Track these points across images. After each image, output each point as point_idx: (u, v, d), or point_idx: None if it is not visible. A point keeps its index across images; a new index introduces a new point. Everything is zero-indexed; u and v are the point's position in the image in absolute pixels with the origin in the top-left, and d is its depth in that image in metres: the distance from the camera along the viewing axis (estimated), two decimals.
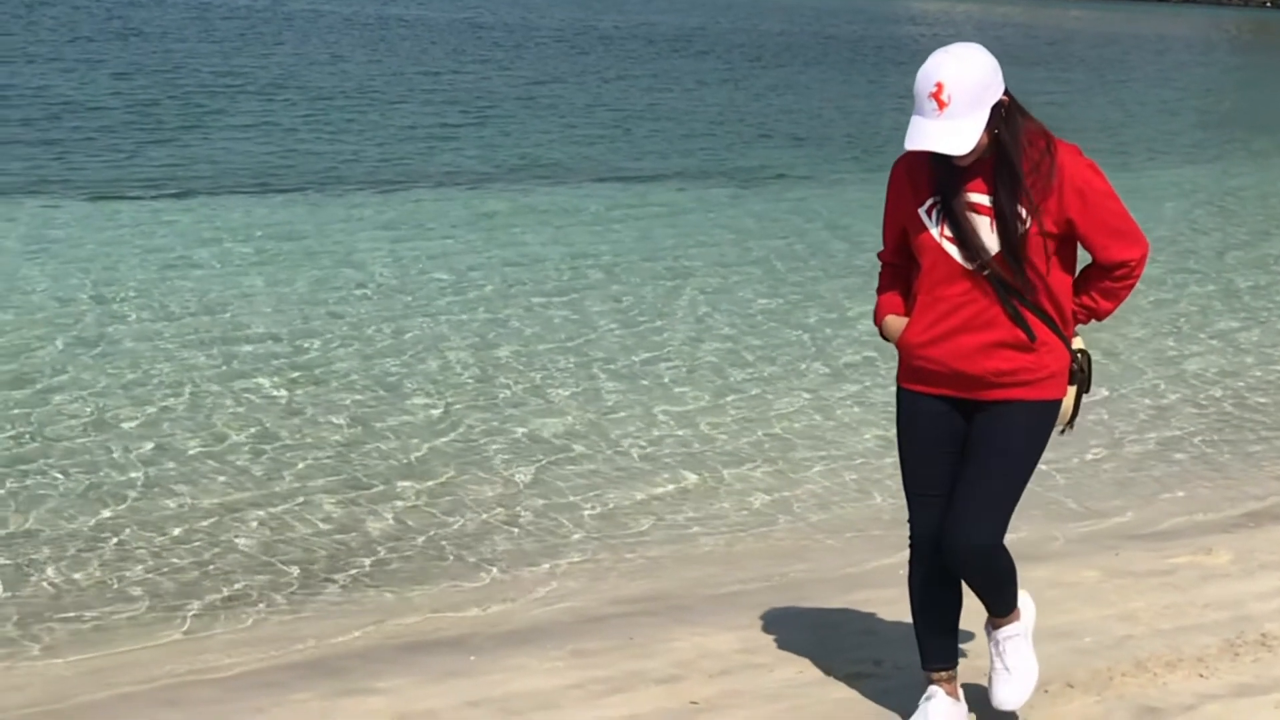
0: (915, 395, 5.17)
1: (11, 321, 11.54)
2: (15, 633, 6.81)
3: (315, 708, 5.76)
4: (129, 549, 7.72)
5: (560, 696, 5.86)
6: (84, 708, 5.93)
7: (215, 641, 6.82)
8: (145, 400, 9.92)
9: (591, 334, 12.14)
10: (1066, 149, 4.97)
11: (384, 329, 11.92)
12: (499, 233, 16.10)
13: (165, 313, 12.07)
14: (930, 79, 4.80)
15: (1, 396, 9.76)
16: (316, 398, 10.18)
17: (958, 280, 4.97)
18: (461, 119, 24.47)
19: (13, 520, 7.97)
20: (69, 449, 8.97)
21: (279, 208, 16.86)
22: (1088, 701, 5.81)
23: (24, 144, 19.64)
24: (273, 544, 7.88)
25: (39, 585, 7.28)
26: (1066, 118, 29.57)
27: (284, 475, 8.79)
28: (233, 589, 7.36)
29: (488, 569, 7.72)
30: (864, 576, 7.28)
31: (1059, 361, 5.05)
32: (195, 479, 8.66)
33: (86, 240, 14.57)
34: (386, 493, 8.61)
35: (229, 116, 23.15)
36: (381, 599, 7.33)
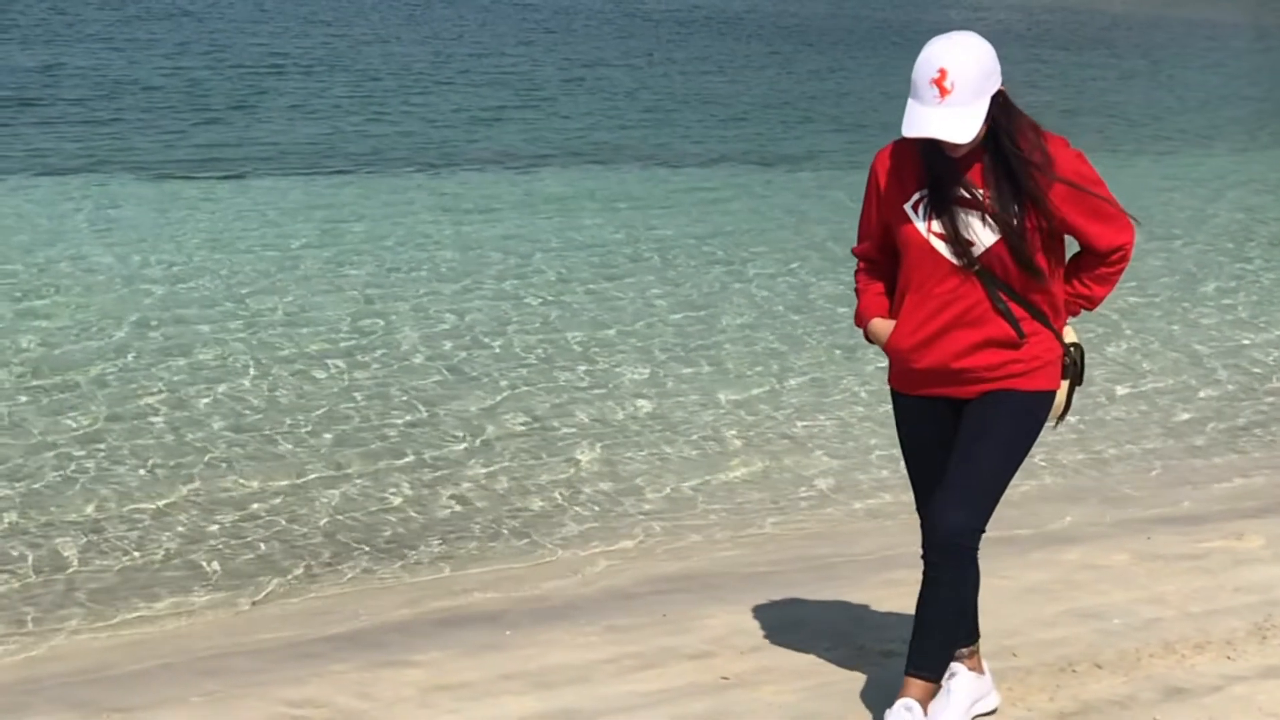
0: (909, 399, 5.10)
1: (75, 301, 11.72)
2: (59, 605, 6.95)
3: (353, 679, 5.86)
4: (176, 525, 7.87)
5: (593, 671, 5.95)
6: (127, 677, 6.04)
7: (255, 614, 6.95)
8: (209, 379, 10.08)
9: (647, 318, 12.24)
10: (1055, 140, 4.90)
11: (443, 310, 12.06)
12: (551, 215, 16.20)
13: (227, 293, 12.24)
14: (932, 65, 4.70)
15: (69, 375, 9.93)
16: (378, 378, 10.31)
17: (945, 277, 4.87)
18: (509, 101, 24.55)
19: (67, 496, 8.10)
20: (134, 428, 9.12)
21: (332, 188, 17.00)
22: (1115, 682, 5.86)
23: (80, 124, 19.83)
24: (315, 521, 8.01)
25: (85, 559, 7.42)
26: (1117, 105, 29.46)
27: (330, 455, 8.92)
28: (273, 564, 7.49)
29: (524, 547, 7.84)
30: (897, 558, 7.33)
31: (1050, 352, 4.97)
32: (250, 458, 8.80)
33: (146, 220, 14.76)
34: (426, 472, 8.74)
35: (278, 97, 23.29)
36: (418, 575, 7.45)
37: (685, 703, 5.61)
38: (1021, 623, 6.45)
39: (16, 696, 5.78)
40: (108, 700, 5.68)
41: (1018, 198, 4.81)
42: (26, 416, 9.18)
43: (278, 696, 5.68)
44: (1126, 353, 12.04)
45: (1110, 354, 11.94)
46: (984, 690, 5.39)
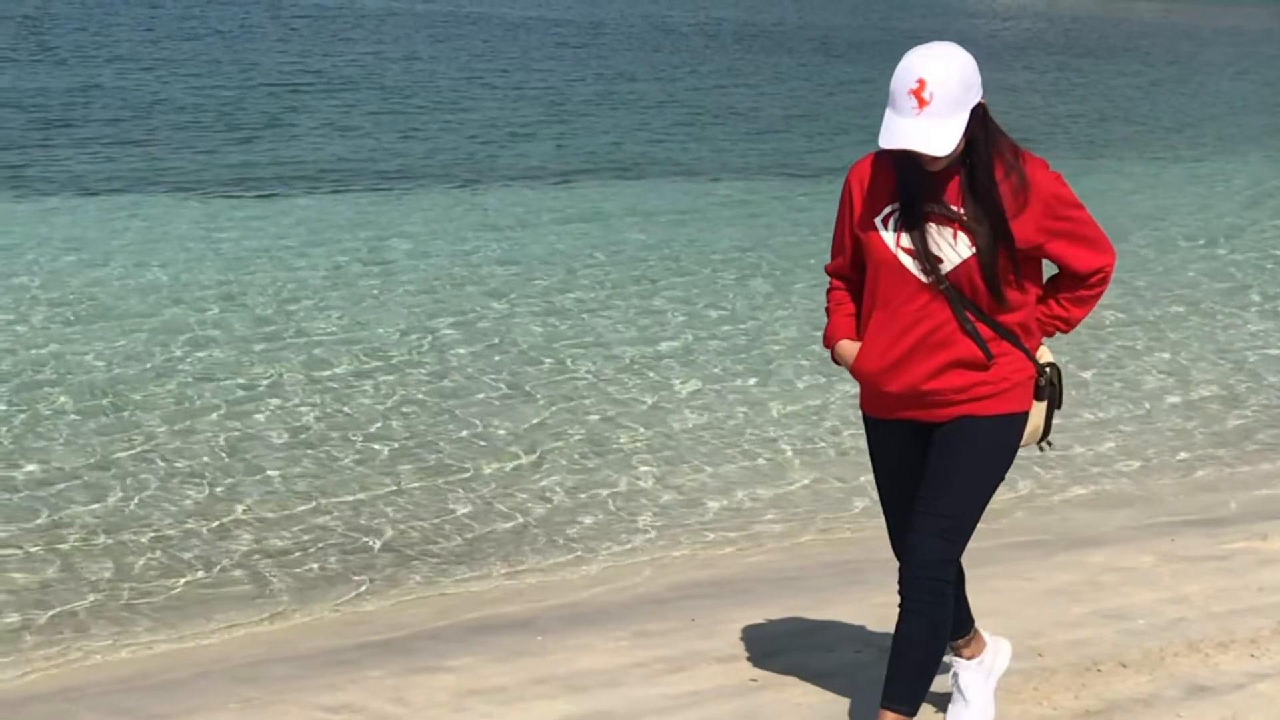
0: (879, 423, 4.97)
1: (125, 321, 11.85)
2: (97, 614, 7.06)
3: (388, 684, 5.97)
4: (209, 534, 7.97)
5: (624, 675, 6.04)
6: (166, 685, 6.15)
7: (291, 622, 7.05)
8: (234, 390, 10.22)
9: (661, 325, 12.33)
10: (1034, 161, 4.77)
11: (487, 324, 12.19)
12: (589, 228, 16.30)
13: (247, 305, 12.39)
14: (911, 75, 4.55)
15: (120, 393, 10.05)
16: (421, 392, 10.43)
17: (913, 296, 4.73)
18: (537, 116, 24.67)
19: (96, 506, 8.23)
20: (180, 447, 9.22)
21: (371, 205, 17.14)
22: (1140, 680, 5.94)
23: (116, 144, 20.01)
24: (347, 529, 8.12)
25: (121, 569, 7.53)
26: (1147, 112, 29.48)
27: (371, 469, 9.02)
28: (310, 572, 7.60)
29: (554, 555, 7.93)
30: None
31: (1020, 373, 4.82)
32: (281, 466, 8.91)
33: (188, 239, 14.89)
34: (460, 481, 8.84)
35: (306, 114, 23.46)
36: (449, 583, 7.55)
37: (714, 705, 5.70)
38: (1047, 624, 6.53)
39: (59, 704, 5.90)
40: (148, 708, 5.79)
41: (991, 217, 4.67)
42: (80, 433, 9.32)
43: (313, 702, 5.79)
44: (1168, 360, 12.11)
45: (1150, 360, 12.02)
46: (992, 663, 5.37)
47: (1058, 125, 26.77)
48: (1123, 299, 13.78)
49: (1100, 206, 18.47)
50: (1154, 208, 19.07)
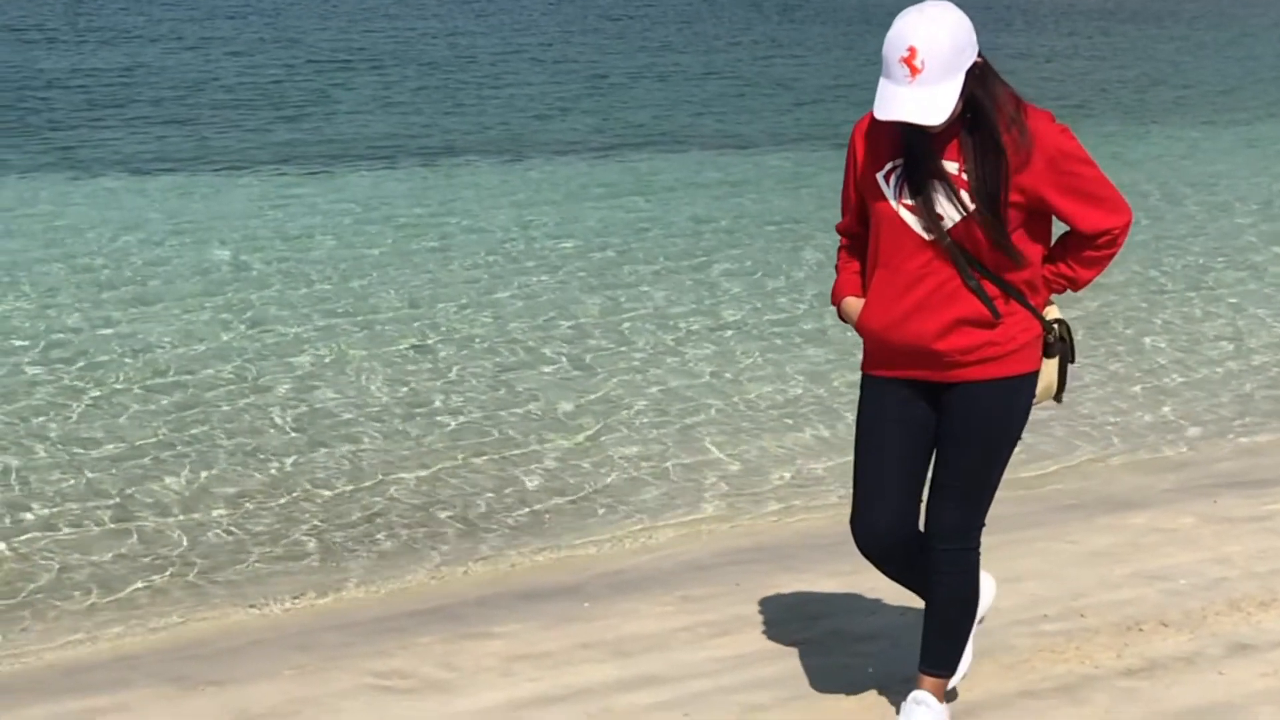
0: (881, 381, 4.85)
1: (162, 292, 12.00)
2: (154, 586, 7.19)
3: (437, 650, 6.06)
4: (269, 508, 8.10)
5: (670, 639, 6.12)
6: (220, 653, 6.26)
7: (343, 591, 7.15)
8: (295, 366, 10.34)
9: (719, 296, 12.41)
10: (1038, 114, 4.64)
11: (518, 294, 12.28)
12: (622, 199, 16.37)
13: (306, 281, 12.53)
14: (902, 42, 4.44)
15: (168, 370, 10.19)
16: (463, 362, 10.54)
17: (916, 252, 4.64)
18: (578, 89, 24.72)
19: (164, 483, 8.36)
20: (227, 415, 9.38)
21: (414, 181, 17.25)
22: (1181, 639, 5.99)
23: (160, 123, 20.18)
24: (408, 502, 8.22)
25: (183, 543, 7.66)
26: (1190, 76, 29.31)
27: (423, 438, 9.13)
28: (361, 542, 7.71)
29: (601, 522, 8.02)
30: None
31: (1027, 333, 4.74)
32: (339, 441, 9.03)
33: (233, 216, 15.04)
34: (506, 451, 8.93)
35: (351, 91, 23.57)
36: (497, 550, 7.64)
37: (758, 668, 5.77)
38: (1089, 585, 6.58)
39: (118, 672, 6.02)
40: (203, 674, 5.90)
41: (994, 173, 4.57)
42: (147, 411, 9.44)
43: (365, 668, 5.89)
44: (1224, 325, 12.10)
45: (1207, 326, 12.01)
46: None
47: (1103, 90, 26.64)
48: (1180, 263, 13.77)
49: (1154, 171, 18.51)
50: (1207, 173, 18.98)
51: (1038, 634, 6.05)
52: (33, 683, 6.01)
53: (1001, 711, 5.40)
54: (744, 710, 5.42)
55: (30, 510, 7.95)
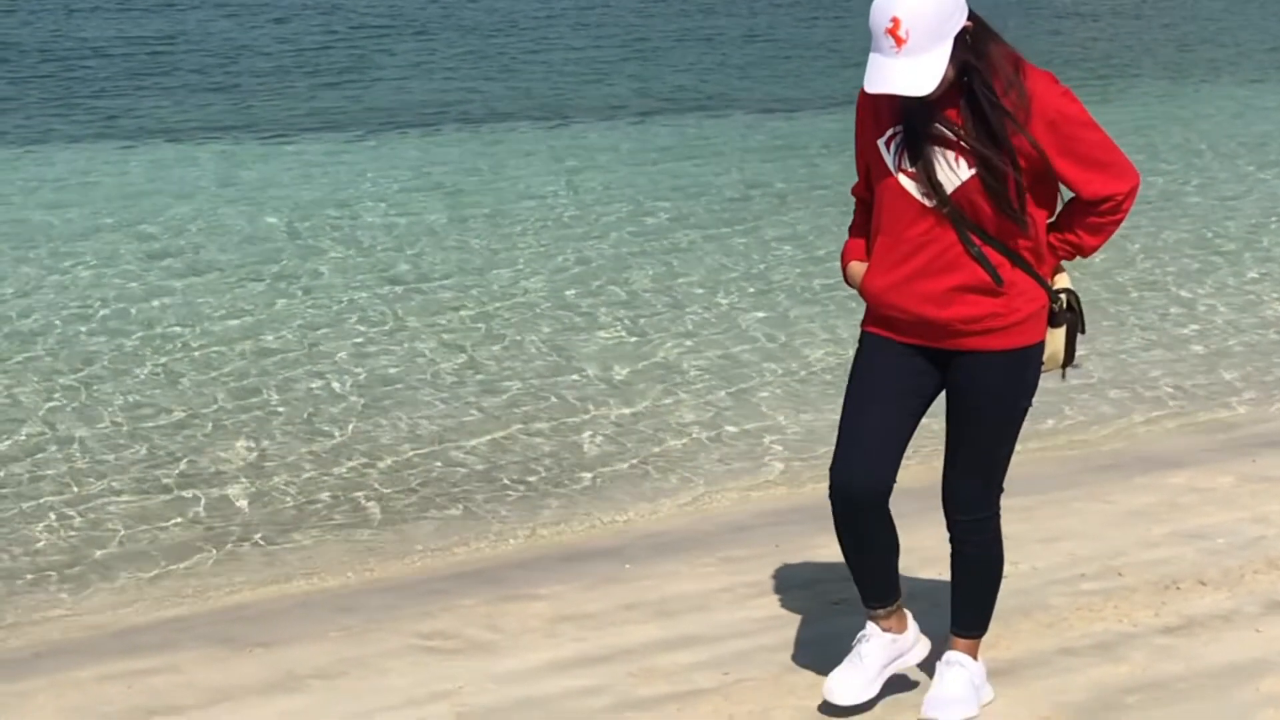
0: (878, 339, 4.80)
1: (218, 260, 12.13)
2: (205, 551, 7.30)
3: (480, 612, 6.15)
4: (317, 472, 8.21)
5: (711, 599, 6.20)
6: (268, 615, 6.37)
7: (387, 553, 7.25)
8: (350, 332, 10.44)
9: (771, 260, 12.44)
10: (1038, 75, 4.55)
11: (569, 259, 12.34)
12: (669, 164, 16.37)
13: (359, 248, 12.63)
14: (885, 13, 4.38)
15: (217, 334, 10.33)
16: (507, 326, 10.64)
17: (917, 219, 4.59)
18: (619, 53, 24.69)
19: (209, 449, 8.47)
20: (286, 383, 9.51)
21: (451, 145, 17.31)
22: (1219, 597, 6.03)
23: (201, 90, 20.29)
24: (451, 465, 8.32)
25: (228, 507, 7.78)
26: (1233, 35, 29.10)
27: (480, 404, 9.21)
28: (403, 504, 7.81)
29: (642, 485, 8.10)
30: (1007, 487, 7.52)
31: (1032, 304, 4.67)
32: (391, 407, 9.12)
33: (274, 181, 15.16)
34: (545, 416, 9.02)
35: (390, 57, 23.62)
36: (540, 514, 7.74)
37: (798, 628, 5.84)
38: (1127, 544, 6.63)
39: (168, 634, 6.12)
40: (251, 636, 6.01)
41: (991, 136, 4.49)
42: (206, 379, 9.56)
43: (410, 630, 5.98)
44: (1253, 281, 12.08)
45: (1262, 287, 11.98)
46: (904, 651, 5.18)
47: (1145, 50, 26.46)
48: (1233, 223, 13.73)
49: (1206, 130, 18.38)
50: (1259, 132, 18.81)
51: (1076, 593, 6.10)
52: (83, 644, 6.13)
53: (1039, 669, 5.46)
54: (783, 670, 5.49)
55: (89, 476, 8.07)
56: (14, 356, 9.78)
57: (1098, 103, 20.41)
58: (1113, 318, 10.91)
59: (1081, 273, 11.81)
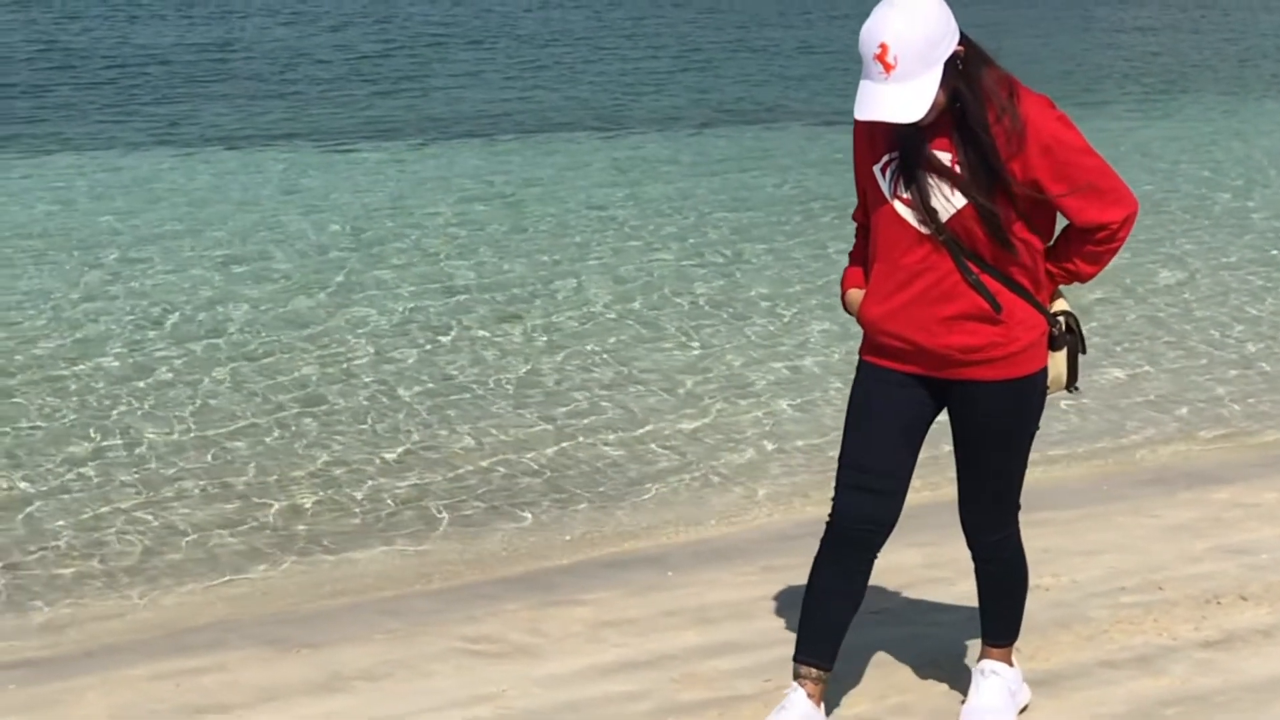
0: (876, 368, 4.74)
1: (281, 268, 12.26)
2: (252, 550, 7.40)
3: (524, 616, 6.22)
4: (372, 476, 8.28)
5: (752, 607, 6.25)
6: (314, 617, 6.46)
7: (432, 559, 7.32)
8: (414, 341, 10.52)
9: (833, 273, 12.43)
10: (1033, 100, 4.49)
11: (632, 270, 12.41)
12: (729, 175, 16.45)
13: (421, 257, 12.73)
14: (873, 39, 4.33)
15: (281, 338, 10.45)
16: (551, 332, 10.73)
17: (914, 246, 4.54)
18: (673, 64, 24.80)
19: (273, 452, 8.59)
20: (319, 383, 9.62)
21: (508, 154, 17.44)
22: (1260, 612, 6.04)
23: (259, 97, 20.50)
24: (504, 471, 8.38)
25: (284, 507, 7.87)
26: None
27: (509, 407, 9.29)
28: (460, 512, 7.86)
29: (686, 493, 8.14)
30: (1044, 496, 7.54)
31: (1031, 332, 4.62)
32: (453, 414, 9.18)
33: (333, 188, 15.33)
34: (594, 424, 9.06)
35: (446, 66, 23.79)
36: (585, 522, 7.78)
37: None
38: (1169, 558, 6.65)
39: (217, 634, 6.22)
40: (298, 637, 6.09)
41: (985, 163, 4.44)
42: (242, 377, 9.69)
43: (455, 633, 6.06)
44: None
45: None
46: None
47: (1203, 66, 26.38)
48: None
49: (1268, 147, 18.28)
50: None
51: (1116, 605, 6.13)
52: (135, 643, 6.23)
53: (1079, 680, 5.49)
54: None
55: (148, 479, 8.17)
56: (84, 362, 9.90)
57: (1159, 118, 20.41)
58: (1175, 334, 10.91)
59: (1146, 289, 11.86)
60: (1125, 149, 17.80)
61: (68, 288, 11.56)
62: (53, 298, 11.29)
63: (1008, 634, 5.15)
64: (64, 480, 8.11)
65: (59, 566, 7.18)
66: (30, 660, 6.10)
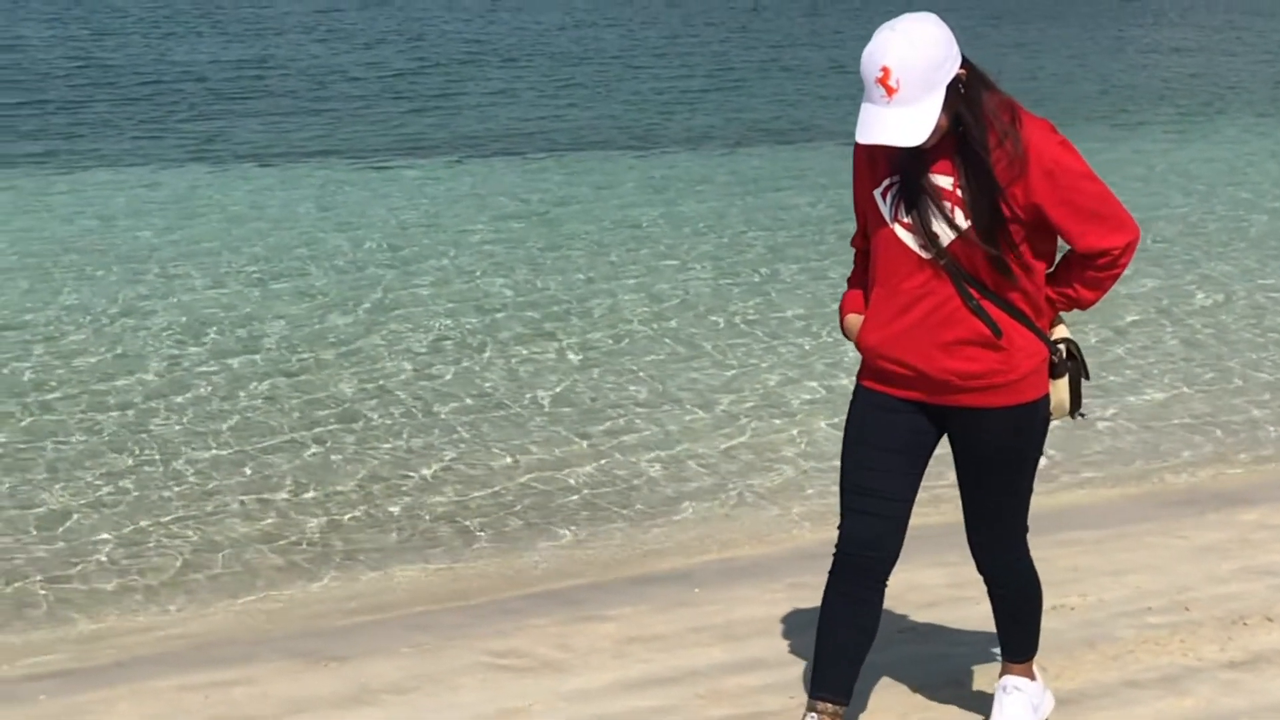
0: (876, 393, 4.71)
1: (314, 283, 12.36)
2: (289, 564, 7.47)
3: (552, 632, 6.26)
4: (398, 489, 8.36)
5: (778, 624, 6.27)
6: (342, 631, 6.50)
7: (467, 576, 7.37)
8: (450, 357, 10.57)
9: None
10: (1035, 125, 4.46)
11: (668, 288, 12.44)
12: (764, 194, 16.47)
13: (457, 273, 12.79)
14: (875, 63, 4.33)
15: (318, 354, 10.54)
16: (584, 350, 10.77)
17: (914, 271, 4.51)
18: (706, 83, 24.84)
19: (300, 464, 8.65)
20: (355, 398, 9.69)
21: (542, 171, 17.51)
22: None
23: (293, 114, 20.62)
24: (520, 488, 8.42)
25: (313, 521, 7.93)
26: None
27: (543, 424, 9.35)
28: (486, 528, 7.91)
29: (710, 511, 8.18)
30: (1072, 517, 7.56)
31: (1032, 360, 4.58)
32: (491, 431, 9.23)
33: (369, 204, 15.43)
34: (625, 441, 9.11)
35: (479, 84, 23.88)
36: (612, 539, 7.82)
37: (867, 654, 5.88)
38: (1195, 579, 6.65)
39: (245, 647, 6.27)
40: (326, 650, 6.13)
41: (985, 188, 4.41)
42: (279, 392, 9.77)
43: (482, 648, 6.09)
44: None
45: None
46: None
47: (1239, 88, 26.28)
48: None
49: None
50: None
51: (1142, 625, 6.13)
52: (165, 655, 6.28)
53: (1104, 700, 5.50)
54: None
55: (190, 492, 8.25)
56: (123, 377, 9.98)
57: (1196, 139, 20.36)
58: (1212, 355, 10.90)
59: (1183, 310, 11.85)
60: (1162, 170, 17.81)
61: (107, 303, 11.65)
62: (92, 312, 11.38)
63: (1026, 650, 5.15)
64: (103, 494, 8.19)
65: (98, 580, 7.26)
66: (61, 671, 6.16)
